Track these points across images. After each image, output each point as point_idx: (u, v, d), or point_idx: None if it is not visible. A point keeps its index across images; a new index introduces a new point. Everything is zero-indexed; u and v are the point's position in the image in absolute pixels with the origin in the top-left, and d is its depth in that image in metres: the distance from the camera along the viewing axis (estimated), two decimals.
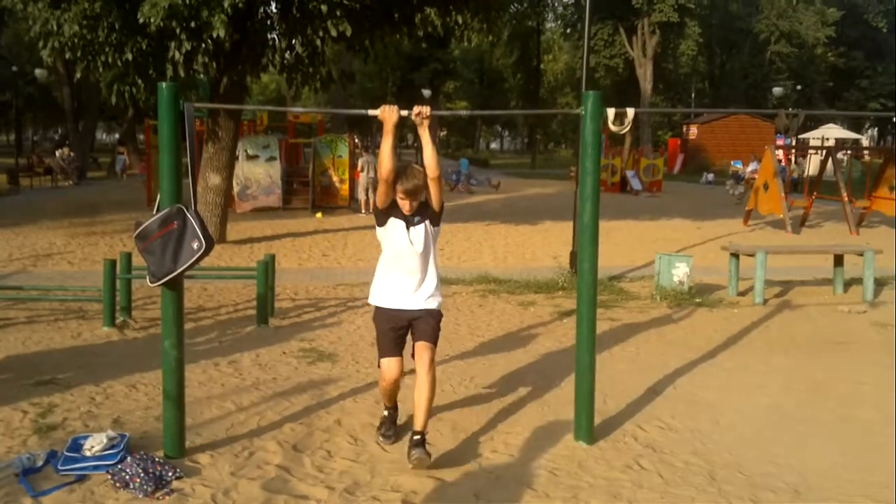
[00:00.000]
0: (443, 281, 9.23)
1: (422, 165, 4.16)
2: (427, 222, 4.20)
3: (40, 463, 3.87)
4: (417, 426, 4.04)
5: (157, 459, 3.87)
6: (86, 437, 4.04)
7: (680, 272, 9.07)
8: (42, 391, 5.14)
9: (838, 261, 9.52)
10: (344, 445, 4.33)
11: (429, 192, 4.15)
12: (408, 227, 4.16)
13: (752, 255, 9.03)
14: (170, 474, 3.78)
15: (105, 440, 3.96)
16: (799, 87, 51.80)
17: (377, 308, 4.32)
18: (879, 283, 9.28)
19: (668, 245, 12.67)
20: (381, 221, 4.22)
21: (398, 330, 4.24)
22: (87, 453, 3.89)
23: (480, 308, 8.44)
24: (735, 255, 9.33)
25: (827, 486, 3.87)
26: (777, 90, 42.29)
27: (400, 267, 4.20)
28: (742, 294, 9.15)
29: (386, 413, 4.53)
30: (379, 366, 4.32)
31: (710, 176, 32.04)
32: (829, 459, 4.23)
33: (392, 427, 4.48)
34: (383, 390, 4.41)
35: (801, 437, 4.58)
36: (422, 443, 3.96)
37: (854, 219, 16.14)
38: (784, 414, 5.00)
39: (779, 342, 7.05)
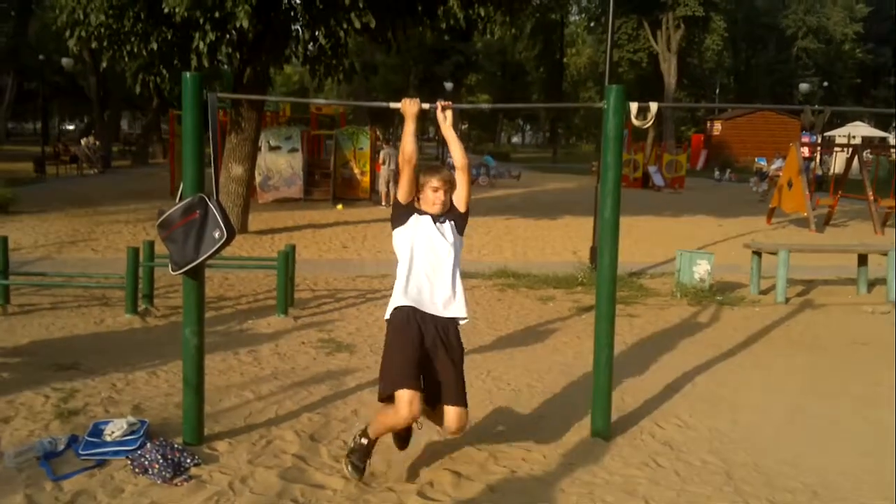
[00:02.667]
0: (462, 274, 9.24)
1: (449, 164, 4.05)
2: (453, 224, 3.76)
3: (61, 447, 3.92)
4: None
5: (175, 446, 3.91)
6: (106, 423, 4.09)
7: (701, 269, 9.01)
8: (64, 376, 5.21)
9: (862, 260, 9.41)
10: None
11: (454, 189, 3.77)
12: (434, 222, 3.71)
13: (774, 254, 8.95)
14: (188, 461, 3.82)
15: (125, 426, 4.01)
16: (826, 84, 51.14)
17: (397, 311, 3.65)
18: None
19: (690, 242, 12.58)
20: (402, 219, 3.74)
21: (420, 347, 3.58)
22: (108, 438, 3.94)
23: (499, 302, 8.43)
24: (757, 253, 9.25)
25: (845, 488, 3.84)
26: (803, 86, 41.79)
27: (427, 265, 3.68)
28: (764, 292, 9.07)
29: (365, 441, 3.70)
30: (385, 399, 3.62)
31: (718, 173, 31.64)
32: (848, 460, 4.19)
33: (367, 458, 3.73)
34: (391, 425, 3.63)
35: (820, 438, 4.54)
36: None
37: (879, 218, 15.93)
38: (804, 414, 4.96)
39: (800, 342, 6.98)
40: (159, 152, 36.10)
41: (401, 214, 3.77)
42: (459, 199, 3.83)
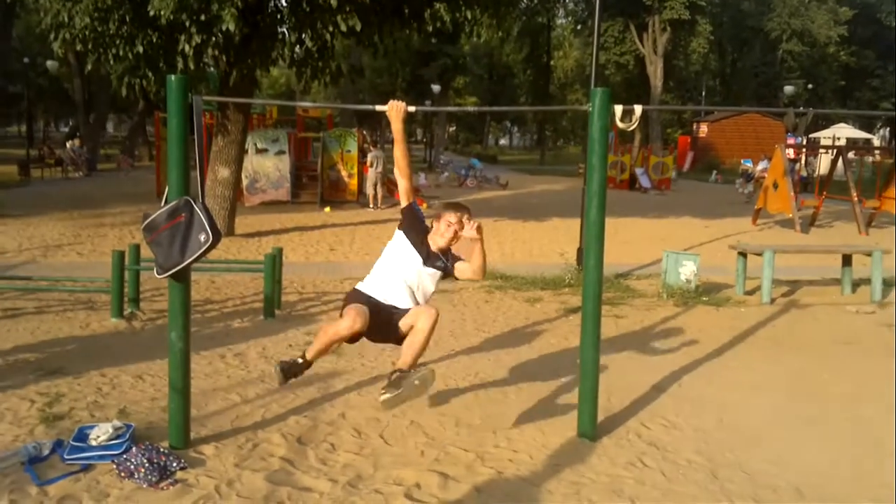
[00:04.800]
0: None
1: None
2: (440, 272, 4.28)
3: (46, 452, 3.90)
4: (403, 365, 3.90)
5: (161, 450, 3.90)
6: (92, 427, 4.07)
7: (687, 270, 9.06)
8: (49, 381, 5.18)
9: (846, 261, 9.49)
10: (347, 439, 4.35)
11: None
12: (425, 263, 4.22)
13: (759, 255, 9.01)
14: (174, 465, 3.81)
15: (111, 430, 4.00)
16: (810, 86, 51.52)
17: (359, 291, 4.23)
18: (888, 284, 9.23)
19: (676, 243, 12.64)
20: (411, 232, 4.28)
21: (376, 307, 4.07)
22: (93, 443, 3.92)
23: (487, 304, 8.45)
24: (743, 254, 9.31)
25: (829, 487, 3.87)
26: (788, 89, 42.08)
27: (400, 284, 4.20)
28: (749, 293, 9.13)
29: (300, 361, 4.24)
30: (341, 315, 4.04)
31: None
32: (832, 459, 4.23)
33: (293, 375, 4.26)
34: (331, 337, 3.99)
35: (804, 437, 4.57)
36: (399, 380, 3.81)
37: (864, 219, 16.07)
38: (788, 413, 5.00)
39: (785, 341, 7.03)
40: (145, 155, 35.96)
41: (414, 226, 4.29)
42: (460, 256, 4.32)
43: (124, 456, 3.81)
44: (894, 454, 4.25)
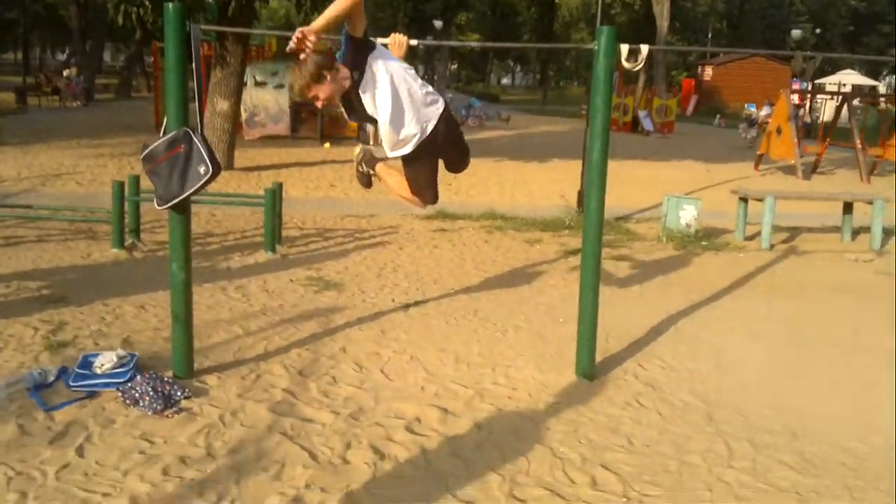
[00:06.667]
0: (449, 216, 9.19)
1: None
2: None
3: (51, 378, 3.95)
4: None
5: (166, 379, 3.95)
6: (96, 355, 4.11)
7: (687, 214, 9.05)
8: (53, 309, 5.21)
9: (847, 208, 9.48)
10: (349, 372, 4.40)
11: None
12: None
13: (760, 200, 8.99)
14: (178, 393, 3.86)
15: (115, 359, 4.04)
16: (818, 31, 50.65)
17: None
18: (887, 232, 9.24)
19: (677, 187, 12.59)
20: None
21: None
22: (98, 371, 3.96)
23: (486, 244, 8.45)
24: (744, 200, 9.29)
25: (823, 430, 3.94)
26: (796, 33, 41.33)
27: None
28: (749, 238, 9.14)
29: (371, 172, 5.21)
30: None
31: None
32: (827, 403, 4.29)
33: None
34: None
35: (800, 381, 4.63)
36: None
37: (866, 167, 16.00)
38: (784, 358, 5.06)
39: (783, 287, 7.07)
40: (143, 86, 35.51)
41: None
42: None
43: (129, 384, 3.86)
44: (893, 400, 4.31)
